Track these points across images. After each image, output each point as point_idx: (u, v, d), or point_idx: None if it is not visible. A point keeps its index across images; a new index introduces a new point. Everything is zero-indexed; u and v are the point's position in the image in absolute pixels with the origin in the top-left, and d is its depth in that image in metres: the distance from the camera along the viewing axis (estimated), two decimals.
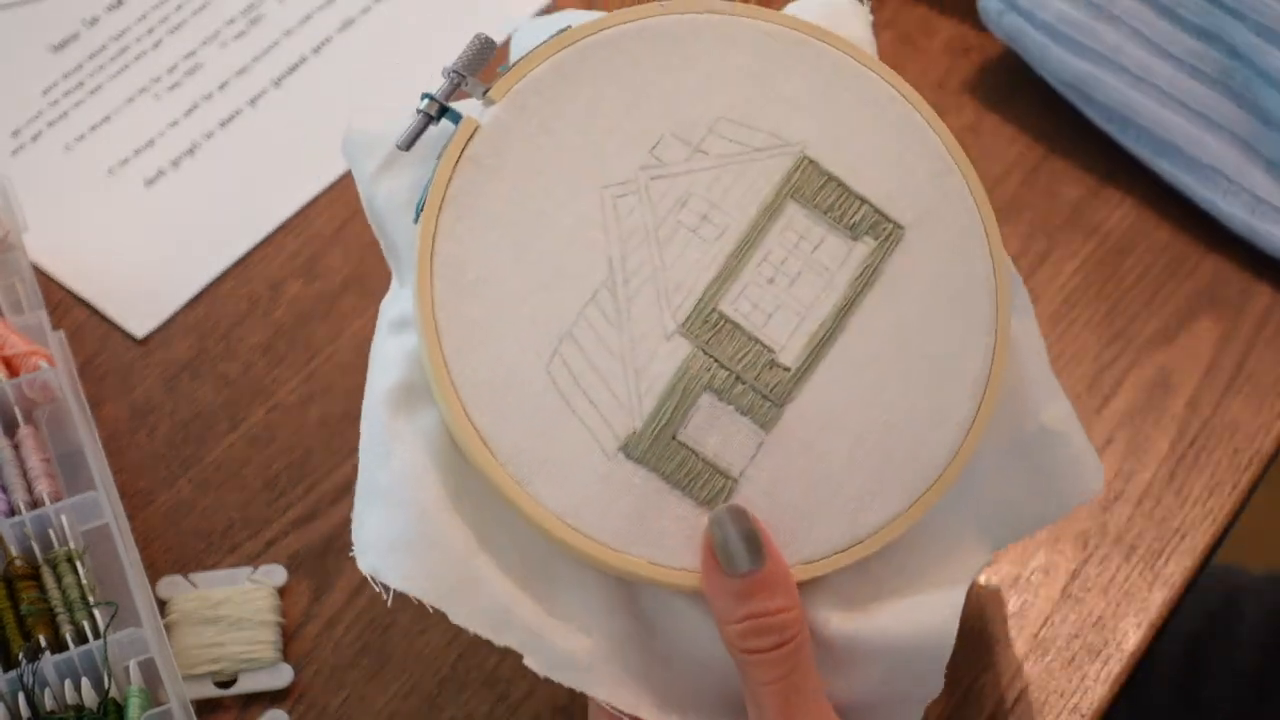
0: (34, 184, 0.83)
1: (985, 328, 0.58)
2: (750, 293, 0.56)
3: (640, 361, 0.55)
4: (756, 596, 0.53)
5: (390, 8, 0.90)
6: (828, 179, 0.58)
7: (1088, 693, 0.69)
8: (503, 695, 0.69)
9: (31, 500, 0.69)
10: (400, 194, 0.58)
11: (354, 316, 0.79)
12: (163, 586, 0.71)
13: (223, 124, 0.86)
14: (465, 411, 0.54)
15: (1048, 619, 0.70)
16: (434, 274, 0.55)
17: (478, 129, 0.56)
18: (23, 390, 0.71)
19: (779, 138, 0.58)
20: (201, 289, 0.80)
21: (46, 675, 0.64)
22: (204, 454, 0.75)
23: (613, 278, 0.56)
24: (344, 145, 0.59)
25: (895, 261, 0.57)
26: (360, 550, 0.56)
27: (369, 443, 0.57)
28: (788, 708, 0.53)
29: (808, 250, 0.57)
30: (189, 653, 0.69)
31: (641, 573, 0.55)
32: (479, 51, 0.58)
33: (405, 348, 0.56)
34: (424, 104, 0.57)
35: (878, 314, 0.57)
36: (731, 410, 0.56)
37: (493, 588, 0.54)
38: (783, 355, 0.56)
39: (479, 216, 0.56)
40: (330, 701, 0.69)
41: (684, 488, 0.55)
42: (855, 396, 0.56)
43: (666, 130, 0.57)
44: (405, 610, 0.71)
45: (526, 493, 0.54)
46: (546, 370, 0.55)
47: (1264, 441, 0.75)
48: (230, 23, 0.89)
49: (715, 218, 0.57)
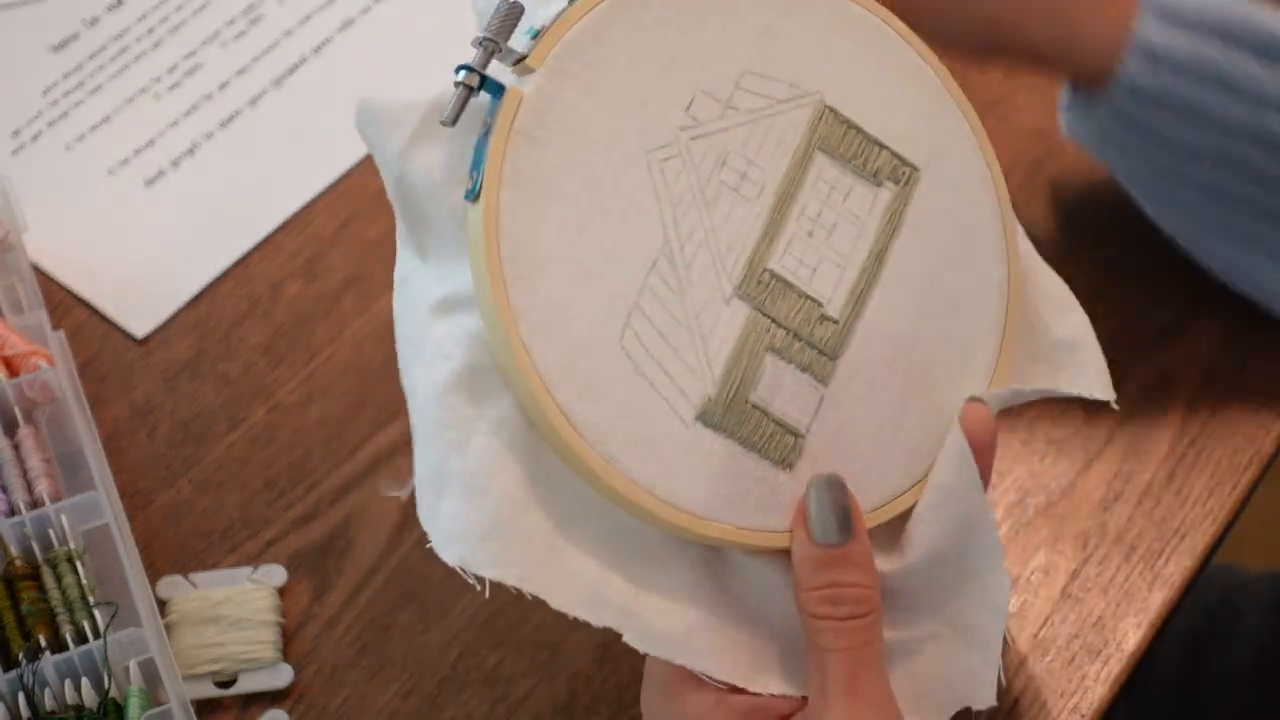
0: (34, 184, 0.83)
1: (999, 257, 0.60)
2: (794, 248, 0.57)
3: (705, 327, 0.56)
4: (837, 567, 0.54)
5: (390, 8, 0.90)
6: (848, 127, 0.59)
7: (1088, 693, 0.69)
8: (503, 695, 0.69)
9: (31, 500, 0.69)
10: (437, 170, 0.57)
11: (354, 316, 0.79)
12: (163, 586, 0.71)
13: (223, 124, 0.86)
14: (550, 394, 0.54)
15: (1048, 619, 0.70)
16: (502, 255, 0.54)
17: (522, 100, 0.55)
18: (23, 390, 0.71)
19: (798, 87, 0.59)
20: (201, 289, 0.80)
21: (46, 675, 0.64)
22: (204, 454, 0.75)
23: (669, 245, 0.56)
24: (359, 119, 0.59)
25: (915, 202, 0.59)
26: (442, 543, 0.55)
27: (434, 429, 0.55)
28: (854, 679, 0.54)
29: (839, 200, 0.58)
30: (189, 653, 0.69)
31: (730, 538, 0.55)
32: (508, 16, 0.56)
33: (463, 332, 0.56)
34: (462, 75, 0.55)
35: (905, 256, 0.58)
36: (793, 368, 0.56)
37: (582, 569, 0.55)
38: (829, 308, 0.57)
39: (539, 192, 0.55)
40: (330, 701, 0.69)
41: (759, 449, 0.56)
42: (897, 340, 0.58)
43: (698, 88, 0.57)
44: (405, 610, 0.71)
45: (618, 470, 0.54)
46: (620, 344, 0.55)
47: (1264, 441, 0.75)
48: (230, 23, 0.89)
49: (753, 174, 0.57)
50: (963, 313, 0.59)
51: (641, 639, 0.55)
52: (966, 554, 0.57)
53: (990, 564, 0.56)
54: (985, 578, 0.57)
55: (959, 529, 0.56)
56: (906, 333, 0.58)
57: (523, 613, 0.71)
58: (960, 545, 0.56)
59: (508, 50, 0.56)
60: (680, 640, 0.55)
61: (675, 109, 0.57)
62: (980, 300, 0.59)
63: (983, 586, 0.57)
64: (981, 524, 0.56)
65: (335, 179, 0.83)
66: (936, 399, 0.58)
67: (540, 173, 0.55)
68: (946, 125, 0.60)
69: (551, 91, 0.56)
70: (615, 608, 0.55)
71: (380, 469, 0.75)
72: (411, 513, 0.74)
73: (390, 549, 0.73)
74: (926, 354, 0.58)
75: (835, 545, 0.54)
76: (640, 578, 0.56)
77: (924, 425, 0.57)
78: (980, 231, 0.60)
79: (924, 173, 0.59)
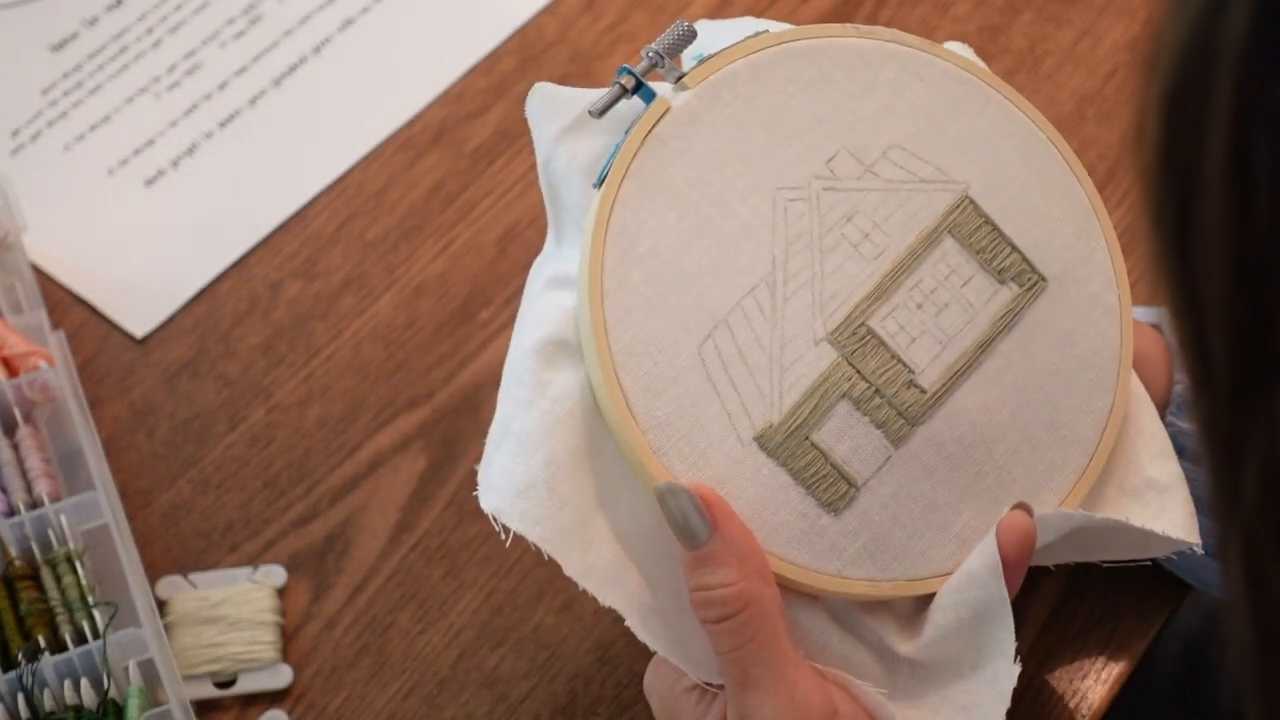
0: (34, 184, 0.83)
1: (1107, 389, 0.60)
2: (899, 314, 0.58)
3: (787, 360, 0.57)
4: (701, 569, 0.54)
5: (390, 8, 0.90)
6: (984, 221, 0.60)
7: (1088, 693, 0.68)
8: (503, 695, 0.69)
9: (31, 500, 0.69)
10: (581, 157, 0.59)
11: (353, 316, 0.79)
12: (162, 586, 0.71)
13: (223, 124, 0.86)
14: (616, 375, 0.55)
15: (1048, 619, 0.70)
16: (608, 239, 0.56)
17: (669, 109, 0.58)
18: (23, 390, 0.71)
19: (945, 174, 0.60)
20: (201, 289, 0.80)
21: (46, 676, 0.64)
22: (204, 454, 0.75)
23: (774, 276, 0.57)
24: (529, 103, 0.61)
25: (1035, 311, 0.59)
26: (484, 489, 0.56)
27: (512, 387, 0.58)
28: (745, 679, 0.54)
29: (957, 285, 0.59)
30: (189, 653, 0.69)
31: None
32: (679, 38, 0.59)
33: (562, 304, 0.58)
34: (622, 77, 0.58)
35: (1012, 357, 0.59)
36: (866, 421, 0.57)
37: (604, 548, 0.56)
38: (921, 378, 0.58)
39: (659, 192, 0.57)
40: (330, 702, 0.69)
41: (808, 486, 0.56)
42: (983, 431, 0.58)
43: (843, 147, 0.59)
44: (405, 610, 0.71)
45: (661, 462, 0.55)
46: (698, 351, 0.56)
47: None
48: (230, 23, 0.89)
49: (876, 238, 0.58)
50: (1057, 430, 0.59)
51: (644, 629, 0.56)
52: (979, 640, 0.57)
53: (1001, 653, 0.56)
54: (995, 665, 0.57)
55: (976, 614, 0.56)
56: (994, 428, 0.58)
57: (523, 613, 0.71)
58: (974, 631, 0.57)
59: (671, 68, 0.59)
60: (683, 645, 0.56)
61: (815, 158, 0.59)
62: (1077, 424, 0.59)
63: (992, 673, 0.57)
64: (998, 614, 0.56)
65: (334, 179, 0.83)
66: (1003, 500, 0.58)
67: (665, 176, 0.57)
68: (1086, 251, 0.61)
69: (699, 110, 0.58)
70: (625, 594, 0.56)
71: (380, 469, 0.75)
72: (412, 513, 0.74)
73: (390, 549, 0.73)
74: (1008, 455, 0.58)
75: (696, 547, 0.54)
76: (654, 574, 0.56)
77: (983, 520, 0.58)
78: (1096, 360, 0.60)
79: (1052, 286, 0.60)
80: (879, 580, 0.56)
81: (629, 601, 0.55)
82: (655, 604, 0.56)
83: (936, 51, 0.61)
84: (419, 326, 0.79)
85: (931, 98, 0.60)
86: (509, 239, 0.81)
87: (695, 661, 0.56)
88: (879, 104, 0.60)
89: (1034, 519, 0.57)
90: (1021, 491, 0.58)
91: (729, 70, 0.59)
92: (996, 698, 0.57)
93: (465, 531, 0.73)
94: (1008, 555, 0.56)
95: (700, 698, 0.57)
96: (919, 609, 0.58)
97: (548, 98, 0.61)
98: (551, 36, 0.88)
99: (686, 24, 0.60)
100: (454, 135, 0.85)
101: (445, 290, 0.80)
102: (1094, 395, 0.60)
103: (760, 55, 0.59)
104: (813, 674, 0.55)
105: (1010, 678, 0.56)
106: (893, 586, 0.57)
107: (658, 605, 0.56)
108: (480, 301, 0.79)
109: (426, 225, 0.82)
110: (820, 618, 0.57)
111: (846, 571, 0.56)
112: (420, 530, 0.73)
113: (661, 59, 0.59)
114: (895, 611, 0.58)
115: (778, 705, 0.54)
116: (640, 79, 0.58)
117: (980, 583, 0.56)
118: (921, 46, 0.61)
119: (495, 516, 0.55)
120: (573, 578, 0.55)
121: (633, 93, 0.58)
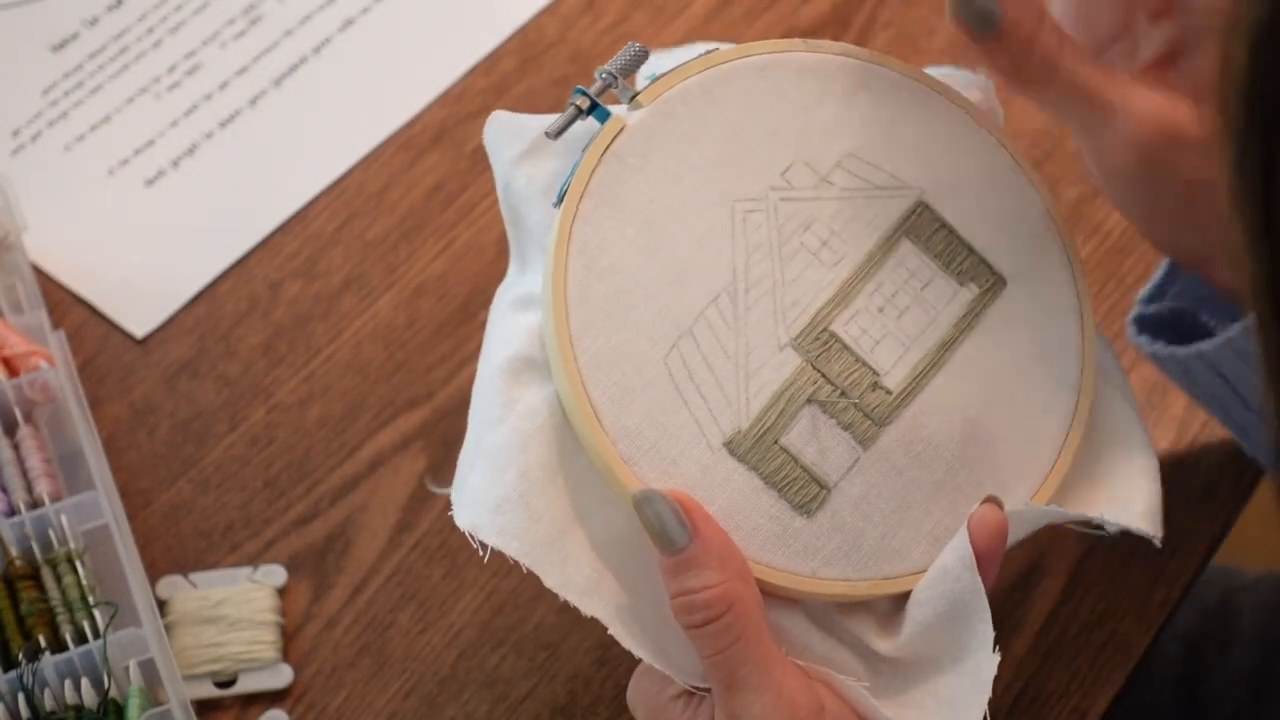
0: (34, 184, 0.83)
1: (1071, 385, 0.61)
2: (861, 319, 0.59)
3: (752, 366, 0.57)
4: (682, 573, 0.54)
5: (390, 8, 0.90)
6: (940, 225, 0.60)
7: (1087, 693, 0.69)
8: (503, 695, 0.69)
9: (31, 500, 0.69)
10: (540, 180, 0.60)
11: (353, 316, 0.79)
12: (162, 586, 0.71)
13: (223, 124, 0.86)
14: (585, 387, 0.56)
15: (1048, 619, 0.70)
16: (569, 254, 0.57)
17: (624, 127, 0.59)
18: (23, 390, 0.71)
19: (899, 180, 0.60)
20: (201, 289, 0.80)
21: (46, 675, 0.64)
22: (204, 454, 0.75)
23: (735, 285, 0.58)
24: (486, 131, 0.62)
25: (995, 310, 0.60)
26: (458, 508, 0.57)
27: (481, 407, 0.58)
28: (732, 680, 0.54)
29: (917, 287, 0.60)
30: (189, 653, 0.69)
31: None
32: (632, 58, 0.61)
33: (528, 324, 0.59)
34: (577, 98, 0.59)
35: (975, 357, 0.59)
36: (833, 424, 0.58)
37: (582, 559, 0.56)
38: (886, 380, 0.58)
39: (618, 209, 0.58)
40: (330, 701, 0.69)
41: (780, 489, 0.57)
42: (948, 433, 0.58)
43: (798, 158, 0.60)
44: (405, 610, 0.71)
45: (632, 471, 0.56)
46: (664, 361, 0.57)
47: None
48: (230, 23, 0.89)
49: (835, 244, 0.59)
50: (1024, 427, 0.60)
51: (627, 637, 0.56)
52: (958, 633, 0.57)
53: (980, 644, 0.57)
54: (975, 657, 0.57)
55: (953, 607, 0.57)
56: (962, 426, 0.59)
57: (523, 613, 0.71)
58: (952, 624, 0.57)
59: (624, 87, 0.59)
60: (666, 650, 0.56)
61: (771, 171, 0.59)
62: (1044, 420, 0.60)
63: (973, 665, 0.57)
64: (975, 606, 0.57)
65: (335, 179, 0.83)
66: (974, 497, 0.58)
67: (623, 192, 0.58)
68: (1043, 251, 0.61)
69: (653, 126, 0.59)
70: (606, 603, 0.56)
71: (380, 469, 0.75)
72: (412, 513, 0.74)
73: (390, 549, 0.73)
74: (977, 453, 0.59)
75: (675, 552, 0.55)
76: (633, 582, 0.57)
77: (955, 517, 0.58)
78: (1058, 355, 0.61)
79: (1011, 285, 0.61)
80: (855, 580, 0.57)
81: (610, 610, 0.56)
82: (636, 611, 0.56)
83: (885, 62, 0.62)
84: (419, 326, 0.79)
85: (881, 107, 0.61)
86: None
87: (680, 666, 0.56)
88: (830, 115, 0.60)
89: (1005, 513, 0.57)
90: (992, 487, 0.59)
91: (682, 87, 0.60)
92: (978, 688, 0.57)
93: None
94: (980, 548, 0.56)
95: (687, 703, 0.57)
96: (897, 608, 0.58)
97: (504, 125, 0.62)
98: (552, 37, 0.88)
99: (639, 45, 0.61)
100: (454, 135, 0.85)
101: (445, 290, 0.80)
102: (1059, 391, 0.60)
103: (712, 72, 0.60)
104: (798, 672, 0.56)
105: (990, 668, 0.57)
106: (869, 585, 0.57)
107: (639, 613, 0.56)
108: (480, 301, 0.79)
109: (427, 225, 0.82)
110: (800, 621, 0.57)
111: (822, 572, 0.56)
112: (420, 530, 0.73)
113: (615, 79, 0.59)
114: (874, 611, 0.58)
115: (765, 704, 0.54)
116: (595, 100, 0.59)
117: (955, 576, 0.56)
118: (870, 58, 0.62)
119: (472, 533, 0.56)
120: (553, 590, 0.55)
121: (588, 113, 0.59)
